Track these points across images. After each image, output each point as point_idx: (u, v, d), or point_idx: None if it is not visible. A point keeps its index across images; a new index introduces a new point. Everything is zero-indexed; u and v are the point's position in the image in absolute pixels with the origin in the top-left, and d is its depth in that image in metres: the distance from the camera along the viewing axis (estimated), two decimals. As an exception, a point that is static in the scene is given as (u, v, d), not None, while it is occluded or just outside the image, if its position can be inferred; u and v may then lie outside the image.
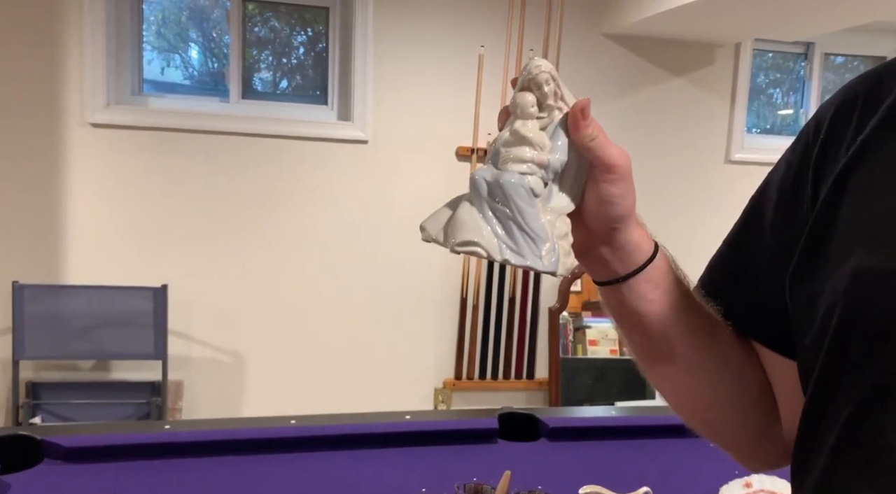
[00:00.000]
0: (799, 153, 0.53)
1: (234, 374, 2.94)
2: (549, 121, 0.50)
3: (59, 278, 2.74)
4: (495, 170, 0.49)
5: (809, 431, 0.48)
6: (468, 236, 0.47)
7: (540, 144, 0.49)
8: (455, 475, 1.08)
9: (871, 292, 0.43)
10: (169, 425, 1.38)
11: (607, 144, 0.50)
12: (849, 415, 0.43)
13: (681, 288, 0.55)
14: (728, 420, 0.59)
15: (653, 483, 1.13)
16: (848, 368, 0.44)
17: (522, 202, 0.47)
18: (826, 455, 0.45)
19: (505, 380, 3.08)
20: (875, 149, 0.46)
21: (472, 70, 2.92)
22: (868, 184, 0.46)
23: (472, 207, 0.48)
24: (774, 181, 0.55)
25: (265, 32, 3.15)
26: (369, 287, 2.99)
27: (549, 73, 0.49)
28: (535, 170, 0.49)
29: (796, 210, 0.51)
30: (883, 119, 0.47)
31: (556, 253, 0.47)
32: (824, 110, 0.52)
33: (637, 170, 2.16)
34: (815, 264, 0.47)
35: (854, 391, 0.43)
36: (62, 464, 1.17)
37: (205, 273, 2.86)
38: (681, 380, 0.58)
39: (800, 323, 0.49)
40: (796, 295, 0.49)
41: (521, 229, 0.47)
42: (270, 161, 2.90)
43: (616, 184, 0.50)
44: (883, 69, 0.51)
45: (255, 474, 1.19)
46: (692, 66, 3.22)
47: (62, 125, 2.72)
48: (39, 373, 2.72)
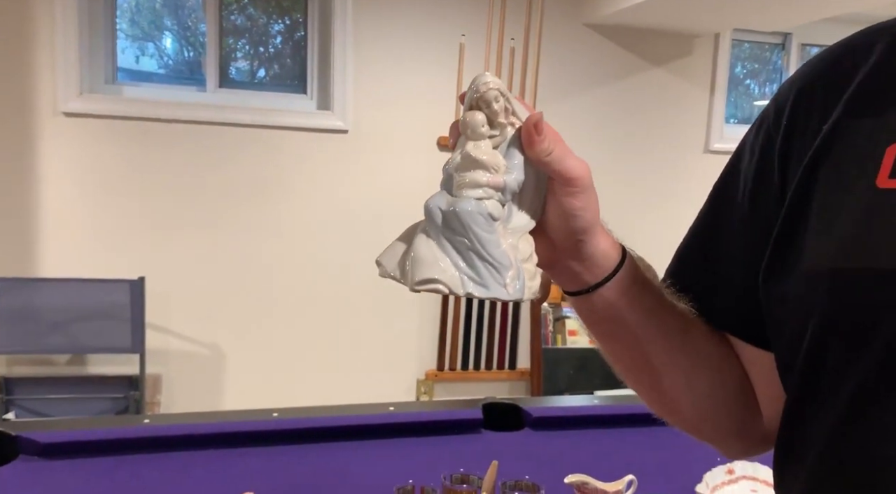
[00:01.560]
0: (761, 139, 0.52)
1: (214, 367, 2.91)
2: (501, 139, 0.48)
3: (32, 271, 2.69)
4: (450, 196, 0.47)
5: (790, 435, 0.47)
6: (428, 274, 0.45)
7: (494, 166, 0.47)
8: (440, 465, 1.08)
9: (852, 294, 0.42)
10: (148, 419, 1.36)
11: (565, 157, 0.48)
12: (832, 423, 0.43)
13: (651, 291, 0.54)
14: (706, 416, 0.58)
15: (637, 470, 1.13)
16: (829, 372, 0.43)
17: (481, 230, 0.45)
18: (810, 463, 0.45)
19: (487, 371, 3.09)
20: (841, 141, 0.46)
21: (452, 59, 2.90)
22: (837, 178, 0.45)
23: (429, 240, 0.46)
24: (738, 168, 0.54)
25: (242, 20, 3.10)
26: (349, 278, 2.97)
27: (497, 89, 0.47)
28: (492, 193, 0.46)
29: (764, 198, 0.50)
30: (847, 109, 0.46)
31: (520, 279, 0.45)
32: (784, 94, 0.51)
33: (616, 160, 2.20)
34: (789, 260, 0.47)
35: (836, 397, 0.43)
36: (38, 460, 1.16)
37: (182, 265, 2.82)
38: (657, 382, 0.57)
39: (775, 318, 0.49)
40: (770, 291, 0.49)
41: (482, 259, 0.45)
42: (249, 151, 2.86)
43: (577, 197, 0.48)
44: (840, 49, 0.50)
45: (237, 468, 1.17)
46: (671, 57, 3.24)
47: (34, 114, 2.66)
48: (13, 368, 2.67)
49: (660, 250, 0.62)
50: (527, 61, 2.93)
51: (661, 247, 0.67)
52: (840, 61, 0.49)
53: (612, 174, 3.19)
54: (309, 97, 3.03)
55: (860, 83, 0.46)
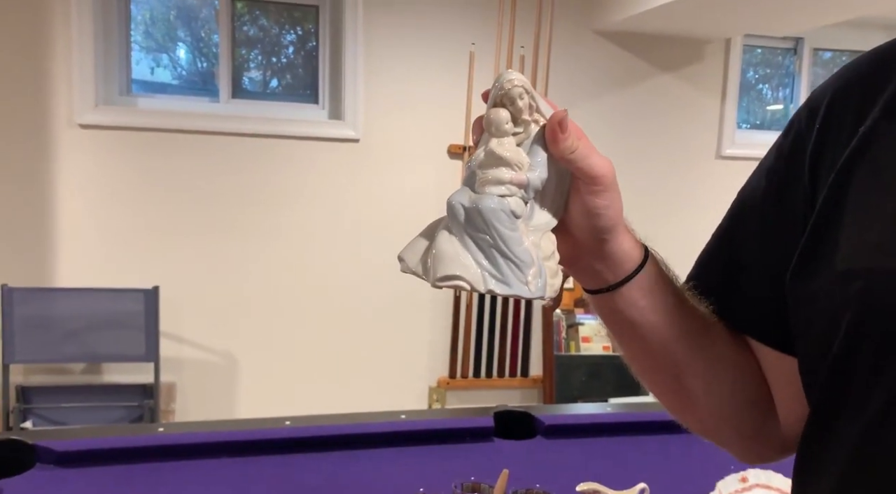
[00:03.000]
0: (790, 141, 0.52)
1: (227, 376, 2.92)
2: (525, 136, 0.48)
3: (48, 281, 2.72)
4: (472, 193, 0.46)
5: (817, 442, 0.46)
6: (450, 270, 0.45)
7: (518, 163, 0.46)
8: (452, 474, 1.07)
9: (887, 294, 0.41)
10: (162, 428, 1.37)
11: (589, 154, 0.48)
12: (861, 429, 0.42)
13: (673, 292, 0.54)
14: (724, 420, 0.58)
15: (649, 478, 1.13)
16: (860, 376, 0.43)
17: (504, 227, 0.45)
18: (834, 473, 0.44)
19: (499, 378, 3.08)
20: (879, 143, 0.45)
21: (463, 68, 2.92)
22: (874, 180, 0.45)
23: (451, 236, 0.46)
24: (765, 170, 0.54)
25: (254, 31, 3.14)
26: (362, 285, 2.98)
27: (522, 86, 0.47)
28: (515, 190, 0.46)
29: (791, 201, 0.50)
30: (885, 110, 0.46)
31: (542, 277, 0.45)
32: (818, 97, 0.51)
33: (628, 167, 2.20)
34: (820, 261, 0.46)
35: (867, 402, 0.42)
36: (54, 469, 1.16)
37: (196, 274, 2.85)
38: (675, 384, 0.56)
39: (801, 321, 0.48)
40: (798, 292, 0.48)
41: (504, 256, 0.45)
42: (261, 160, 2.89)
43: (601, 195, 0.48)
44: (878, 55, 0.50)
45: (250, 476, 1.18)
46: (682, 63, 3.23)
47: (50, 126, 2.70)
48: (30, 377, 2.70)
49: (673, 255, 0.61)
50: (537, 69, 2.93)
51: (674, 252, 0.66)
52: (876, 66, 0.49)
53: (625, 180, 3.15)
54: (320, 107, 3.05)
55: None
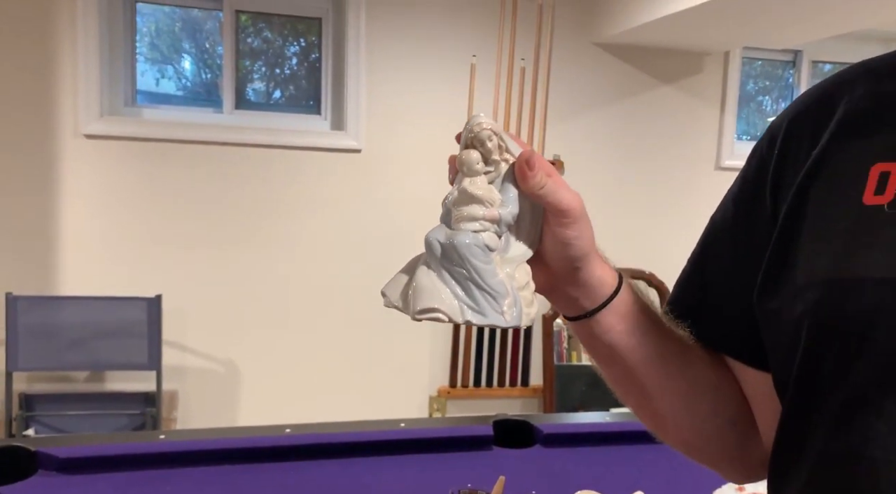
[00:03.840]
0: (754, 168, 0.55)
1: (229, 384, 2.94)
2: (496, 174, 0.51)
3: (52, 289, 2.74)
4: (448, 230, 0.49)
5: (786, 446, 0.49)
6: (428, 303, 0.47)
7: (489, 200, 0.49)
8: (450, 481, 1.09)
9: (841, 303, 0.44)
10: (164, 435, 1.38)
11: (557, 189, 0.50)
12: (826, 431, 0.44)
13: (649, 316, 0.56)
14: (706, 439, 0.59)
15: (647, 486, 1.14)
16: (823, 380, 0.45)
17: (478, 261, 0.47)
18: (807, 466, 0.46)
19: (499, 388, 3.09)
20: (831, 162, 0.48)
21: (464, 79, 2.94)
22: (827, 196, 0.48)
23: (429, 271, 0.49)
24: (733, 197, 0.57)
25: (258, 43, 3.17)
26: (363, 295, 2.99)
27: (490, 129, 0.50)
28: (488, 225, 0.49)
29: (756, 223, 0.53)
30: (835, 133, 0.49)
31: (517, 307, 0.48)
32: (777, 126, 0.54)
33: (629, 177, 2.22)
34: (782, 277, 0.49)
35: (831, 403, 0.44)
36: (56, 475, 1.17)
37: (198, 283, 2.87)
38: (657, 405, 0.58)
39: (770, 335, 0.51)
40: (765, 308, 0.51)
41: (479, 288, 0.47)
42: (264, 171, 2.91)
43: (571, 227, 0.51)
44: (829, 84, 0.53)
45: (250, 483, 1.19)
46: (682, 74, 3.26)
47: (56, 137, 2.73)
48: (33, 385, 2.71)
49: (674, 266, 0.63)
50: (537, 80, 2.96)
51: (674, 264, 0.68)
52: (827, 95, 0.52)
53: (625, 191, 3.21)
54: (323, 118, 3.08)
55: (846, 113, 0.49)
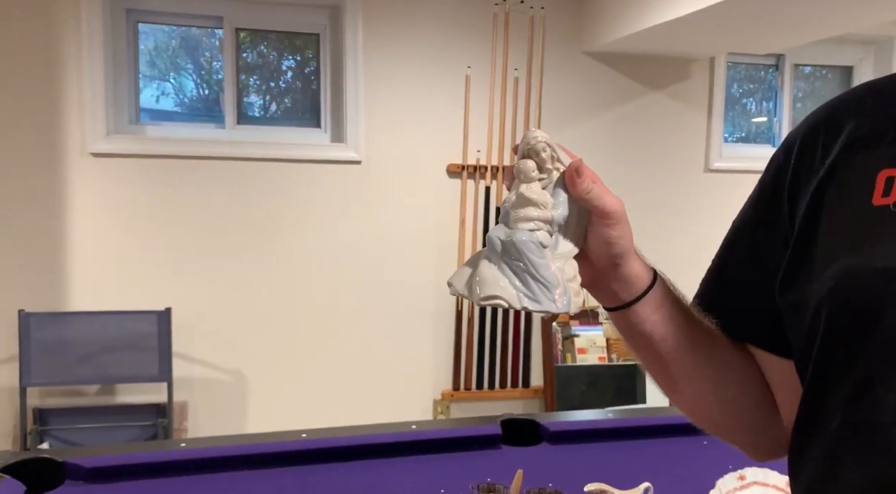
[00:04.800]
0: (772, 176, 0.62)
1: (237, 394, 2.97)
2: (549, 181, 0.58)
3: (63, 305, 2.77)
4: (507, 229, 0.57)
5: (807, 420, 0.55)
6: (491, 291, 0.55)
7: (543, 204, 0.57)
8: (463, 480, 1.13)
9: (853, 290, 0.50)
10: (185, 443, 1.40)
11: (602, 195, 0.58)
12: (843, 403, 0.50)
13: (680, 308, 0.63)
14: (733, 420, 0.66)
15: (652, 478, 1.18)
16: (838, 362, 0.51)
17: (533, 256, 0.55)
18: (825, 441, 0.52)
19: (501, 389, 3.14)
20: (843, 169, 0.55)
21: (459, 90, 3.01)
22: (840, 198, 0.55)
23: (491, 264, 0.56)
24: (753, 202, 0.64)
25: (253, 57, 3.23)
26: (366, 303, 3.05)
27: (544, 141, 0.57)
28: (542, 225, 0.57)
29: (775, 225, 0.59)
30: (846, 144, 0.56)
31: (567, 295, 0.55)
32: (792, 138, 0.61)
33: (621, 181, 2.33)
34: (802, 272, 0.56)
35: (845, 381, 0.50)
36: (84, 485, 1.20)
37: (206, 295, 2.90)
38: (688, 388, 0.65)
39: (792, 325, 0.57)
40: (787, 300, 0.57)
41: (535, 279, 0.55)
42: (267, 184, 2.96)
43: (613, 228, 0.58)
44: (838, 102, 0.60)
45: (270, 487, 1.22)
46: (669, 80, 3.33)
47: (64, 155, 2.76)
48: (46, 400, 2.73)
49: (667, 265, 0.68)
50: (530, 90, 3.03)
51: (668, 262, 0.73)
52: (836, 112, 0.59)
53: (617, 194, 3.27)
54: (323, 130, 3.14)
55: (854, 128, 0.56)
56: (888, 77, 0.59)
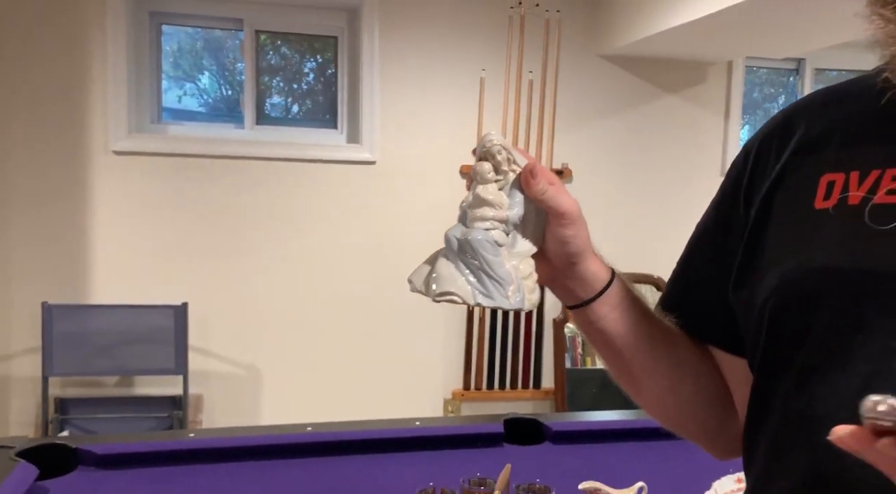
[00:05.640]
0: (731, 181, 0.64)
1: (251, 387, 3.02)
2: (505, 182, 0.60)
3: (85, 298, 2.83)
4: (464, 228, 0.59)
5: (755, 415, 0.58)
6: (446, 287, 0.57)
7: (499, 204, 0.58)
8: (462, 474, 1.13)
9: (792, 289, 0.53)
10: (193, 433, 1.45)
11: (557, 195, 0.59)
12: (783, 397, 0.52)
13: (638, 307, 0.64)
14: (690, 417, 0.68)
15: (650, 479, 1.18)
16: (780, 358, 0.54)
17: (488, 254, 0.57)
18: (769, 434, 0.55)
19: (512, 390, 3.15)
20: (790, 173, 0.57)
21: (473, 93, 3.03)
22: (787, 201, 0.57)
23: (448, 262, 0.58)
24: (715, 205, 0.66)
25: (277, 60, 3.29)
26: (379, 301, 3.08)
27: (500, 144, 0.59)
28: (497, 225, 0.58)
29: (732, 229, 0.61)
30: (794, 150, 0.58)
31: (520, 292, 0.57)
32: (750, 143, 0.63)
33: (635, 186, 2.36)
34: (751, 272, 0.58)
35: (788, 374, 0.53)
36: (95, 471, 1.24)
37: (222, 290, 2.96)
38: (646, 385, 0.66)
39: (743, 322, 0.59)
40: (738, 298, 0.59)
41: (489, 276, 0.57)
42: (283, 183, 3.01)
43: (568, 227, 0.59)
44: (791, 110, 0.62)
45: (275, 477, 1.25)
46: (686, 84, 3.31)
47: (87, 153, 2.83)
48: (67, 390, 2.80)
49: None
50: (545, 93, 3.04)
51: None
52: (790, 118, 0.61)
53: (632, 198, 3.27)
54: (339, 131, 3.19)
55: (803, 133, 0.58)
56: (841, 83, 0.60)
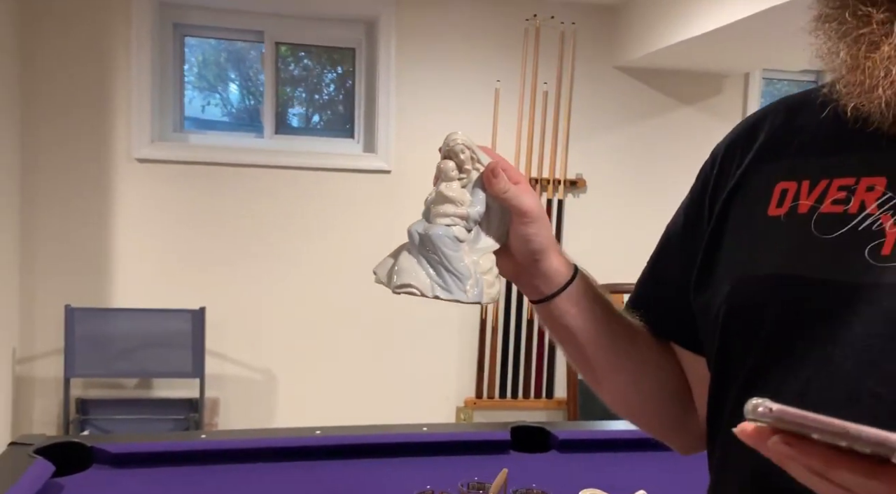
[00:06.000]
0: (699, 184, 0.65)
1: (266, 391, 3.06)
2: (468, 180, 0.61)
3: (106, 301, 2.89)
4: (427, 223, 0.61)
5: (712, 417, 0.59)
6: (405, 280, 0.59)
7: (460, 201, 0.60)
8: (464, 480, 1.15)
9: (743, 295, 0.55)
10: (205, 435, 1.47)
11: (519, 194, 0.60)
12: (734, 400, 0.54)
13: (600, 304, 0.65)
14: (652, 412, 0.69)
15: (654, 487, 1.18)
16: (734, 358, 0.55)
17: (447, 249, 0.58)
18: (722, 436, 0.56)
19: (525, 399, 3.16)
20: (748, 180, 0.59)
21: (488, 103, 3.05)
22: (744, 208, 0.58)
23: (409, 255, 0.60)
24: (683, 208, 0.67)
25: (298, 71, 3.36)
26: (393, 309, 3.10)
27: (463, 143, 0.61)
28: (458, 221, 0.60)
29: (697, 232, 0.63)
30: (754, 157, 0.59)
31: (479, 287, 0.59)
32: (717, 149, 0.65)
33: (650, 196, 2.38)
34: (709, 276, 0.59)
35: (738, 374, 0.55)
36: (109, 469, 1.27)
37: (239, 296, 3.00)
38: (607, 379, 0.68)
39: (701, 325, 0.61)
40: (697, 301, 0.61)
41: (448, 271, 0.58)
42: (301, 191, 3.06)
43: (530, 226, 0.61)
44: (757, 115, 0.64)
45: (282, 479, 1.27)
46: (702, 96, 3.30)
47: (111, 161, 2.90)
48: (88, 391, 2.86)
49: None
50: (559, 104, 3.06)
51: None
52: (753, 125, 0.62)
53: (646, 208, 3.25)
54: (356, 141, 3.23)
55: (764, 140, 0.60)
56: (801, 92, 0.61)
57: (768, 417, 0.35)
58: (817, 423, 0.33)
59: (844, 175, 0.52)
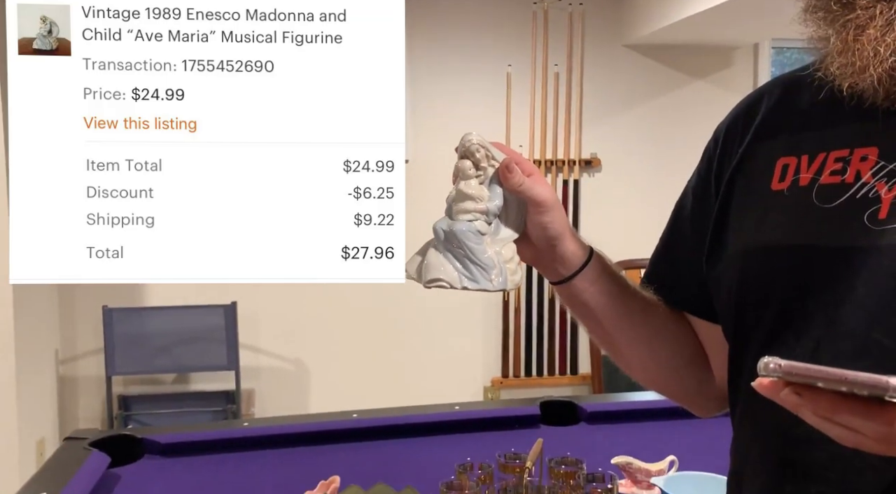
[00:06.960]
0: (705, 163, 0.70)
1: (299, 380, 3.15)
2: (485, 177, 0.66)
3: (141, 301, 2.98)
4: (450, 220, 0.65)
5: (732, 383, 0.64)
6: (435, 274, 0.63)
7: (479, 197, 0.65)
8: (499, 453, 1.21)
9: (754, 267, 0.59)
10: (247, 422, 1.53)
11: (534, 186, 0.64)
12: (753, 358, 0.57)
13: (616, 281, 0.70)
14: (668, 379, 0.74)
15: (681, 453, 1.22)
16: (748, 327, 0.60)
17: (471, 243, 0.63)
18: (742, 402, 0.61)
19: (550, 376, 3.21)
20: (750, 157, 0.63)
21: (501, 88, 3.08)
22: (747, 185, 0.63)
23: (436, 251, 0.65)
24: (691, 187, 0.72)
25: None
26: (418, 296, 3.14)
27: (478, 143, 0.65)
28: (479, 216, 0.64)
29: (706, 208, 0.67)
30: (755, 134, 0.64)
31: (503, 275, 0.64)
32: (719, 128, 0.69)
33: (664, 171, 2.45)
34: (719, 250, 0.64)
35: (754, 343, 0.59)
36: (160, 458, 1.34)
37: (269, 289, 3.04)
38: (627, 351, 0.73)
39: (715, 296, 0.66)
40: (710, 275, 0.66)
41: (473, 263, 0.63)
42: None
43: (546, 214, 0.65)
44: (756, 94, 0.67)
45: (323, 461, 1.32)
46: (712, 69, 3.30)
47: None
48: (129, 388, 2.96)
49: None
50: (571, 85, 3.09)
51: None
52: (753, 104, 0.66)
53: (661, 185, 3.26)
54: (371, 131, 3.28)
55: (763, 118, 0.64)
56: (799, 69, 0.65)
57: (778, 372, 0.40)
58: (820, 373, 0.38)
59: (839, 147, 0.56)
